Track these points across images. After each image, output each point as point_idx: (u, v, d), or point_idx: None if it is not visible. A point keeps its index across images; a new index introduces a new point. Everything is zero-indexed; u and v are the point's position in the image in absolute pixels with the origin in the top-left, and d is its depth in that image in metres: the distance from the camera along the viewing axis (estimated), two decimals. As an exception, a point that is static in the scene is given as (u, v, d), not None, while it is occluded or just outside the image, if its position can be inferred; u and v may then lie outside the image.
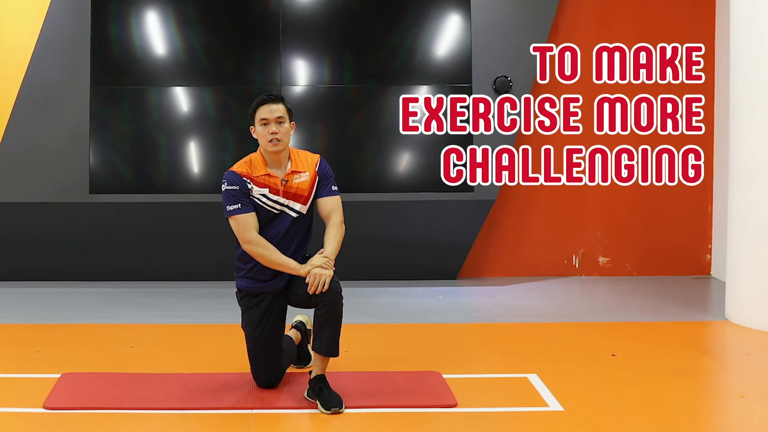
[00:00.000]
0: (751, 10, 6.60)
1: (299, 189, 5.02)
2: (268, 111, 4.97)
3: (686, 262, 8.74)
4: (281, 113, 4.98)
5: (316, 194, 5.07)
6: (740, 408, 4.95)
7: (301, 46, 8.19)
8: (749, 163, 6.65)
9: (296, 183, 5.01)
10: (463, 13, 8.19)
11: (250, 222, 4.95)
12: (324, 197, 5.07)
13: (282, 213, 5.01)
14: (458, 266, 8.45)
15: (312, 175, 5.06)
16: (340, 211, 5.07)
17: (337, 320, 4.89)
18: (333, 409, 4.74)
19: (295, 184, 5.01)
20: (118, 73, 8.10)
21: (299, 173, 5.03)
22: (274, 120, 4.96)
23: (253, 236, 4.94)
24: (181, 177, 8.11)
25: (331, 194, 5.08)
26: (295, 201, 5.01)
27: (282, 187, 4.99)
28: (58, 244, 8.14)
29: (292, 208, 5.01)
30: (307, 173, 5.04)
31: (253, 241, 4.94)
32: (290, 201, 5.01)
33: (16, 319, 6.86)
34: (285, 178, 5.00)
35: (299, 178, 5.03)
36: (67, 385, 5.11)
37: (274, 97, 5.02)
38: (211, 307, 7.27)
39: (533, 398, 5.01)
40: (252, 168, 5.00)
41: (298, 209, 5.02)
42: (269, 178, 4.99)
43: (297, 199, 5.02)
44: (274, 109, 4.97)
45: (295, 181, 5.01)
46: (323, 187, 5.08)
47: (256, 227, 4.96)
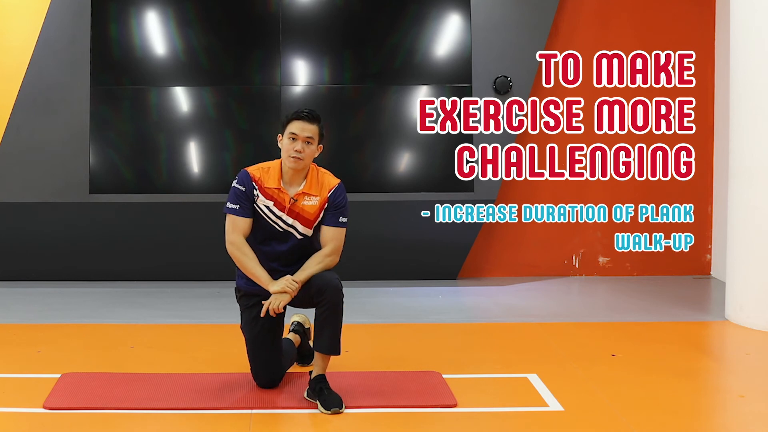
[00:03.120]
0: (750, 11, 6.60)
1: (305, 212, 4.95)
2: (300, 128, 4.89)
3: (686, 262, 8.75)
4: (312, 134, 4.90)
5: (322, 220, 4.99)
6: (740, 408, 4.95)
7: (301, 46, 8.19)
8: (749, 163, 6.65)
9: (304, 205, 4.94)
10: (463, 13, 8.19)
11: (241, 225, 4.92)
12: (327, 226, 4.98)
13: (286, 232, 4.97)
14: (458, 266, 8.45)
15: (321, 201, 4.97)
16: (338, 244, 4.97)
17: (338, 318, 4.88)
18: (333, 409, 4.74)
19: (303, 206, 4.94)
20: (118, 73, 8.10)
21: (310, 196, 4.95)
22: (302, 138, 4.88)
23: (237, 239, 4.91)
24: (181, 177, 8.11)
25: (336, 225, 4.97)
26: (299, 222, 4.96)
27: (289, 204, 4.95)
28: (58, 244, 8.14)
29: (296, 228, 4.98)
30: (317, 198, 4.96)
31: (235, 243, 4.91)
32: (295, 221, 4.96)
33: (16, 319, 6.86)
34: (294, 197, 4.95)
35: (308, 201, 4.95)
36: (67, 385, 5.11)
37: (311, 116, 4.91)
38: (211, 307, 7.28)
39: (533, 398, 5.01)
40: (266, 176, 4.95)
41: (301, 231, 4.98)
42: (279, 192, 4.93)
43: (302, 221, 4.95)
44: (306, 128, 4.89)
45: (304, 203, 4.94)
46: (330, 216, 4.98)
47: (246, 233, 4.92)
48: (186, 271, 8.28)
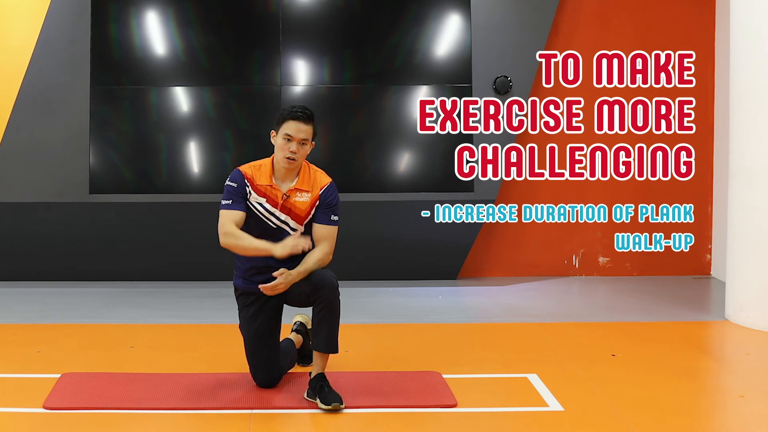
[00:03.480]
0: (750, 11, 6.60)
1: (297, 208, 4.97)
2: (296, 129, 4.90)
3: (686, 262, 8.75)
4: (306, 135, 4.92)
5: (313, 218, 5.01)
6: (740, 408, 4.95)
7: (301, 46, 8.19)
8: (749, 163, 6.65)
9: (295, 201, 4.97)
10: (463, 13, 8.19)
11: (232, 217, 4.91)
12: (319, 224, 5.00)
13: (279, 228, 4.98)
14: (458, 266, 8.45)
15: (313, 198, 4.99)
16: (331, 242, 4.99)
17: (335, 316, 4.88)
18: (333, 404, 4.73)
19: (295, 201, 4.97)
20: (118, 73, 8.10)
21: (301, 192, 4.98)
22: (297, 140, 4.90)
23: (230, 228, 4.90)
24: (181, 177, 8.11)
25: (327, 223, 4.99)
26: (291, 218, 4.98)
27: (281, 200, 4.96)
28: (58, 244, 8.14)
29: (288, 224, 4.99)
30: (308, 194, 4.99)
31: (228, 232, 4.90)
32: (287, 217, 4.98)
33: (16, 319, 6.86)
34: (287, 193, 4.97)
35: (300, 197, 4.97)
36: (67, 385, 5.11)
37: (305, 115, 4.93)
38: (211, 307, 7.28)
39: (533, 398, 5.01)
40: (258, 173, 4.97)
41: (293, 226, 4.99)
42: (271, 189, 4.96)
43: (294, 217, 4.98)
44: (301, 130, 4.90)
45: (296, 198, 4.97)
46: (322, 214, 4.99)
47: (238, 224, 4.92)
48: (186, 271, 8.28)
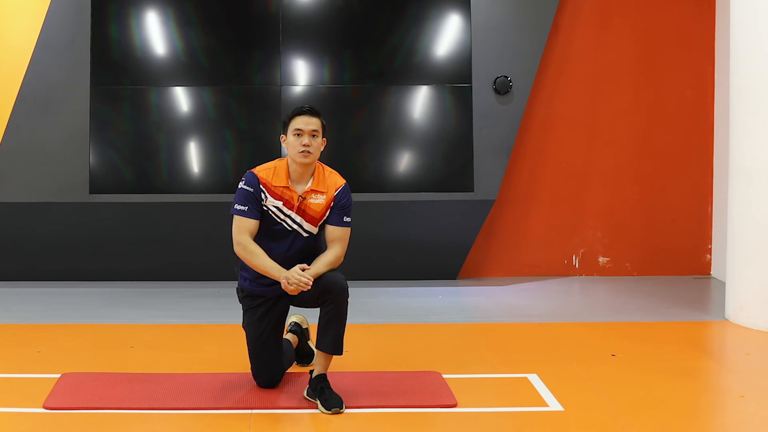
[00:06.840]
0: (751, 11, 6.60)
1: (312, 209, 4.96)
2: (304, 122, 4.92)
3: (686, 262, 8.75)
4: (316, 127, 4.94)
5: (327, 219, 5.01)
6: (740, 408, 4.95)
7: (301, 46, 8.19)
8: (749, 163, 6.65)
9: (311, 203, 4.96)
10: (463, 13, 8.19)
11: (248, 227, 4.92)
12: (333, 225, 5.00)
13: (294, 231, 4.98)
14: (458, 266, 8.45)
15: (328, 199, 4.99)
16: (344, 244, 5.00)
17: (342, 318, 4.89)
18: (334, 409, 4.74)
19: (310, 203, 4.96)
20: (118, 73, 8.10)
21: (317, 193, 4.97)
22: (308, 132, 4.91)
23: (244, 239, 4.91)
24: (181, 177, 8.11)
25: (341, 224, 4.99)
26: (305, 220, 4.97)
27: (297, 203, 4.96)
28: (58, 244, 8.15)
29: (302, 227, 4.98)
30: (324, 196, 4.98)
31: (242, 243, 4.91)
32: (302, 220, 4.97)
33: (16, 319, 6.86)
34: (303, 195, 4.96)
35: (316, 199, 4.97)
36: (67, 385, 5.11)
37: (312, 110, 4.97)
38: (211, 307, 7.28)
39: (533, 398, 5.01)
40: (274, 176, 4.96)
41: (307, 228, 4.99)
42: (287, 191, 4.95)
43: (308, 219, 4.97)
44: (310, 122, 4.93)
45: (311, 200, 4.96)
46: (335, 215, 5.00)
47: (253, 234, 4.93)
48: (186, 271, 8.28)
